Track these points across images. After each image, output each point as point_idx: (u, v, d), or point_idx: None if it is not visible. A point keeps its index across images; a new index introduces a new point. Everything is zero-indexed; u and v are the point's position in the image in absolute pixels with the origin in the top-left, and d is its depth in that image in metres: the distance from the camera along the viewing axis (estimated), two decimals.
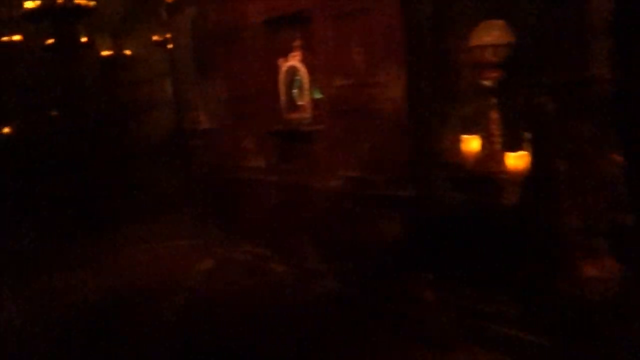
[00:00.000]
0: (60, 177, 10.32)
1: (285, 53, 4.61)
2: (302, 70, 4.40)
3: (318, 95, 4.39)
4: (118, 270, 5.53)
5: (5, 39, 9.98)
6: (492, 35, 2.99)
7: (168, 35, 11.69)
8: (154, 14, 10.78)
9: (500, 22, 3.02)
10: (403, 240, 4.04)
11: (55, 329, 4.28)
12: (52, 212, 7.57)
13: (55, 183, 9.80)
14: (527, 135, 2.98)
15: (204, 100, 5.54)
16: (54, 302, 4.77)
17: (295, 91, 4.61)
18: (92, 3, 8.24)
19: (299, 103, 4.56)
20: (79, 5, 8.02)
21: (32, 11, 7.77)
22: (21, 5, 7.98)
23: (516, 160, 2.95)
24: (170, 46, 11.71)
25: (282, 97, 4.66)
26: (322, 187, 4.51)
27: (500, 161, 2.99)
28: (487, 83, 3.07)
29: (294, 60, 4.48)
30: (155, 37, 11.67)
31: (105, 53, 12.02)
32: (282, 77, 4.61)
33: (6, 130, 8.87)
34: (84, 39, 11.35)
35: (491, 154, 3.07)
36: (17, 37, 10.09)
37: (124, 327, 4.26)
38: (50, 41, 11.02)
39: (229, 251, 5.46)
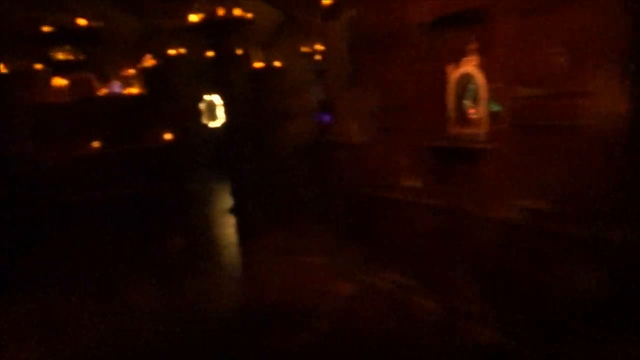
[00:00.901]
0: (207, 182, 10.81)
1: (456, 58, 3.91)
2: (479, 78, 3.66)
3: (495, 108, 3.61)
4: (253, 281, 5.25)
5: (172, 51, 10.75)
6: None
7: (316, 46, 11.71)
8: (305, 24, 10.81)
9: None
10: (601, 294, 3.07)
11: (177, 344, 4.03)
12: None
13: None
14: None
15: (354, 110, 5.04)
16: (183, 312, 4.58)
17: (466, 102, 3.87)
18: (249, 15, 8.32)
19: (471, 116, 3.81)
20: (237, 18, 8.14)
21: (195, 24, 8.05)
22: (185, 17, 8.36)
23: None
24: (317, 57, 11.73)
25: (450, 109, 3.95)
26: (490, 217, 3.71)
27: None
28: None
29: (468, 66, 3.75)
30: (303, 49, 11.77)
31: (257, 65, 12.44)
32: (451, 85, 3.91)
33: (168, 136, 9.44)
34: (239, 51, 11.83)
35: None
36: (182, 50, 10.82)
37: (255, 348, 3.88)
38: (210, 53, 11.66)
39: (371, 277, 4.85)
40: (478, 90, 3.69)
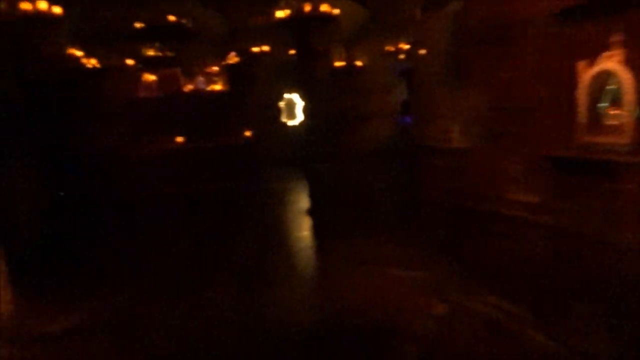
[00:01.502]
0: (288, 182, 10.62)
1: (589, 53, 3.27)
2: (625, 77, 2.99)
3: None
4: (332, 292, 4.78)
5: (255, 49, 10.67)
6: None
7: (400, 45, 11.18)
8: (393, 21, 10.30)
9: None
10: None
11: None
12: None
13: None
14: None
15: (455, 111, 4.48)
16: (257, 322, 4.22)
17: (603, 105, 3.22)
18: (336, 11, 7.97)
19: (610, 122, 3.16)
20: (324, 14, 7.82)
21: (281, 20, 7.82)
22: (271, 14, 8.17)
23: None
24: (401, 56, 11.19)
25: (581, 113, 3.31)
26: (628, 243, 3.06)
27: None
28: None
29: (610, 63, 3.10)
30: (386, 48, 11.28)
31: (338, 64, 12.11)
32: (583, 85, 3.27)
33: (247, 133, 9.35)
34: (322, 49, 11.56)
35: None
36: (265, 48, 10.70)
37: None
38: (293, 51, 11.47)
39: (467, 298, 4.28)
40: (621, 91, 3.03)
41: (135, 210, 8.03)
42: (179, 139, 8.94)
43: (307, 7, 7.57)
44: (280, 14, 7.78)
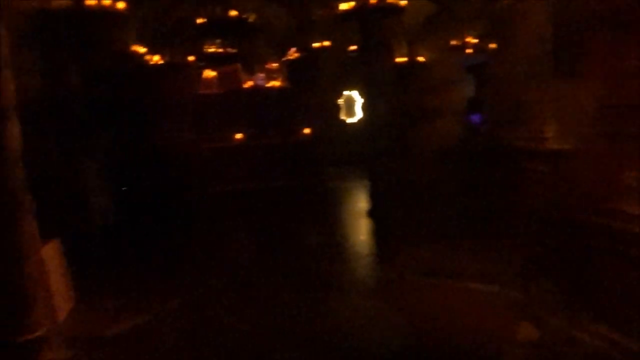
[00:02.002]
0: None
1: None
2: None
3: None
4: (400, 307, 4.20)
5: (316, 44, 10.29)
6: None
7: (467, 39, 10.44)
8: (464, 12, 9.62)
9: None
10: None
11: None
12: None
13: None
14: None
15: (552, 109, 3.85)
16: (320, 336, 3.76)
17: None
18: (403, 2, 7.44)
19: None
20: (390, 4, 7.31)
21: (346, 11, 7.39)
22: (335, 7, 7.76)
23: None
24: (469, 50, 10.46)
25: None
26: None
27: None
28: None
29: None
30: (453, 42, 10.58)
31: (399, 60, 11.52)
32: None
33: (306, 131, 9.01)
34: (385, 43, 11.05)
35: None
36: (326, 43, 10.29)
37: None
38: (353, 47, 11.03)
39: (569, 325, 3.65)
40: None
41: (197, 206, 7.89)
42: (239, 136, 8.74)
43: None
44: (344, 5, 7.35)
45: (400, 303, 4.30)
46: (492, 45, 9.34)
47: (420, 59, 11.04)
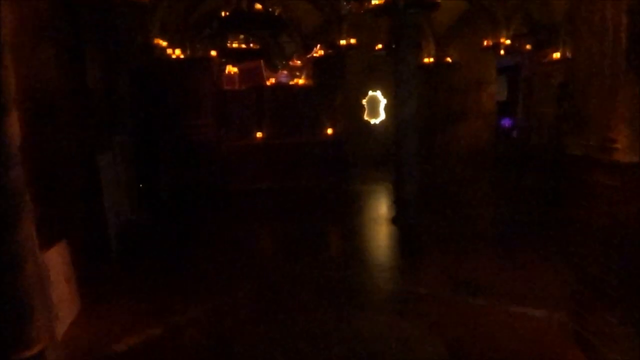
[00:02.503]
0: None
1: None
2: None
3: None
4: (446, 330, 3.70)
5: (343, 42, 9.88)
6: None
7: (501, 40, 9.90)
8: (496, 10, 9.10)
9: None
10: None
11: None
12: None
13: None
14: None
15: (625, 114, 3.33)
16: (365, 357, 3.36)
17: None
18: None
19: None
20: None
21: (377, 7, 6.96)
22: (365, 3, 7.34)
23: None
24: (502, 52, 9.92)
25: None
26: None
27: None
28: None
29: None
30: (486, 42, 10.06)
31: (426, 60, 11.05)
32: None
33: (330, 130, 8.62)
34: (416, 42, 10.61)
35: None
36: (353, 41, 9.87)
37: None
38: (380, 47, 10.59)
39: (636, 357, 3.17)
40: None
41: (218, 205, 7.57)
42: (261, 134, 8.41)
43: None
44: (376, 0, 6.92)
45: (434, 325, 3.84)
46: (528, 47, 8.82)
47: (449, 59, 10.55)
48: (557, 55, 8.05)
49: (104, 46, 6.91)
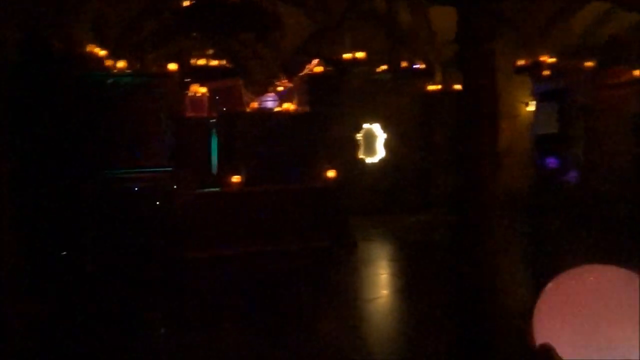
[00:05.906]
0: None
1: None
2: None
3: None
4: None
5: (347, 55, 7.42)
6: None
7: (542, 58, 7.62)
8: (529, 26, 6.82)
9: None
10: None
11: None
12: None
13: None
14: None
15: None
16: None
17: None
18: None
19: None
20: None
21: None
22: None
23: None
24: (545, 72, 7.60)
25: None
26: None
27: None
28: None
29: None
30: (520, 62, 7.78)
31: (431, 88, 8.73)
32: None
33: (323, 174, 6.04)
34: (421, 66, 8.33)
35: None
36: (359, 55, 7.41)
37: None
38: (383, 67, 8.25)
39: None
40: None
41: (164, 283, 4.78)
42: (236, 179, 5.76)
43: None
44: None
45: None
46: (587, 64, 6.54)
47: (457, 86, 8.19)
48: (636, 73, 5.73)
49: (18, 52, 4.49)
